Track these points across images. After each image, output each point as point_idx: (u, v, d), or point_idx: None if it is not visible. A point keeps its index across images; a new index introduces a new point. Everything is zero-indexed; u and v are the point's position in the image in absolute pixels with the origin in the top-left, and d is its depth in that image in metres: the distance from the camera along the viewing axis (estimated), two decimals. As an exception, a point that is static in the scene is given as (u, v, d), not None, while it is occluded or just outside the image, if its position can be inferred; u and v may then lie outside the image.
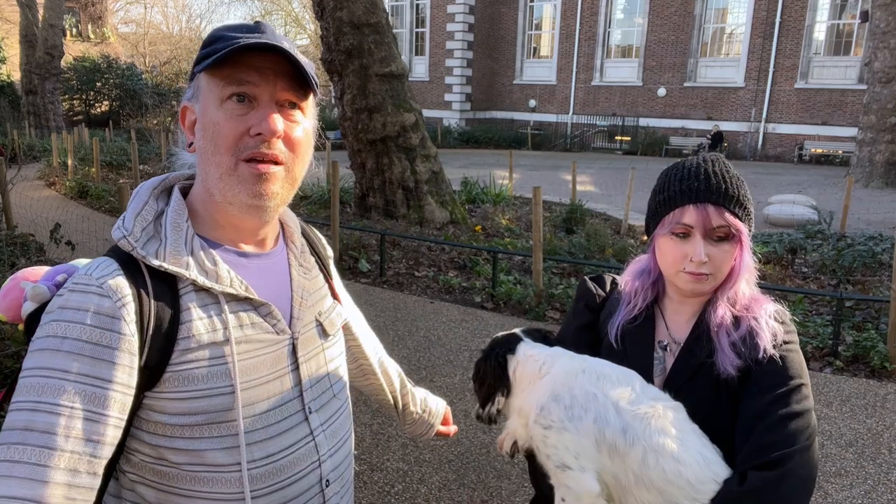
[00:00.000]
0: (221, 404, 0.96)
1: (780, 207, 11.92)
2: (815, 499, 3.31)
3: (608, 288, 1.45)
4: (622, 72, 27.79)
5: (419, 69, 31.31)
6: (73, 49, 32.12)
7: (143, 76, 34.45)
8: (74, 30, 35.36)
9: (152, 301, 0.93)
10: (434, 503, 3.26)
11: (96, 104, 32.68)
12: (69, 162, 15.00)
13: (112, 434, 0.89)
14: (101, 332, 0.88)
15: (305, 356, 1.08)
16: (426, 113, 13.26)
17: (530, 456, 1.26)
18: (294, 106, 1.02)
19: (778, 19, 23.63)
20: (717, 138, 24.54)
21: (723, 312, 1.24)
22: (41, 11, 25.45)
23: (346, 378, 1.21)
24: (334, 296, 1.23)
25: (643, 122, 26.97)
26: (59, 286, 1.11)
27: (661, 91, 26.69)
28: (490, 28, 30.83)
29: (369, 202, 10.14)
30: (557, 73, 29.26)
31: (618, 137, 26.77)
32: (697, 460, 1.11)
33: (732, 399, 1.20)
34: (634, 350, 1.31)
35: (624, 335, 1.33)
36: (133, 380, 0.90)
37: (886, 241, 7.84)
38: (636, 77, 27.33)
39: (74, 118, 30.85)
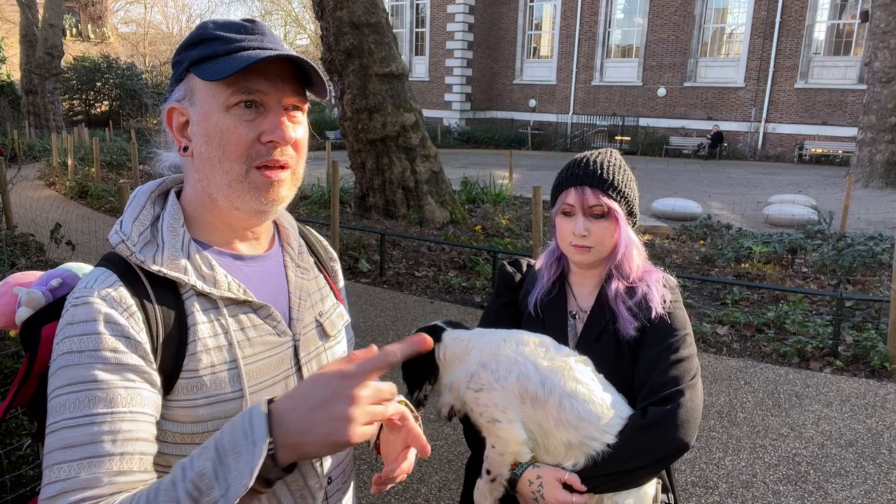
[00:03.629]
0: (231, 410, 0.95)
1: (780, 207, 11.93)
2: (815, 499, 3.31)
3: (524, 269, 1.67)
4: (622, 72, 27.80)
5: (419, 69, 31.30)
6: (73, 49, 32.12)
7: (143, 76, 34.45)
8: (74, 30, 35.35)
9: (157, 308, 0.92)
10: (434, 503, 3.26)
11: (96, 104, 32.67)
12: (69, 162, 14.99)
13: (153, 431, 0.89)
14: (115, 339, 0.87)
15: (307, 357, 1.08)
16: (426, 113, 13.27)
17: (465, 420, 1.43)
18: (295, 107, 1.02)
19: (778, 19, 23.63)
20: (717, 138, 24.54)
21: (616, 285, 1.48)
22: (41, 11, 25.44)
23: None
24: (337, 297, 1.22)
25: (643, 122, 26.97)
26: (53, 291, 1.09)
27: (661, 91, 26.69)
28: (490, 28, 30.82)
29: (369, 202, 10.14)
30: (557, 73, 29.26)
31: (618, 137, 26.77)
32: (604, 400, 1.33)
33: (632, 353, 1.44)
34: (552, 319, 1.53)
35: (542, 306, 1.55)
36: (157, 379, 0.90)
37: (886, 241, 7.84)
38: (636, 77, 27.32)
39: (74, 118, 30.84)
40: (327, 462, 1.10)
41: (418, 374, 1.46)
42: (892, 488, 3.41)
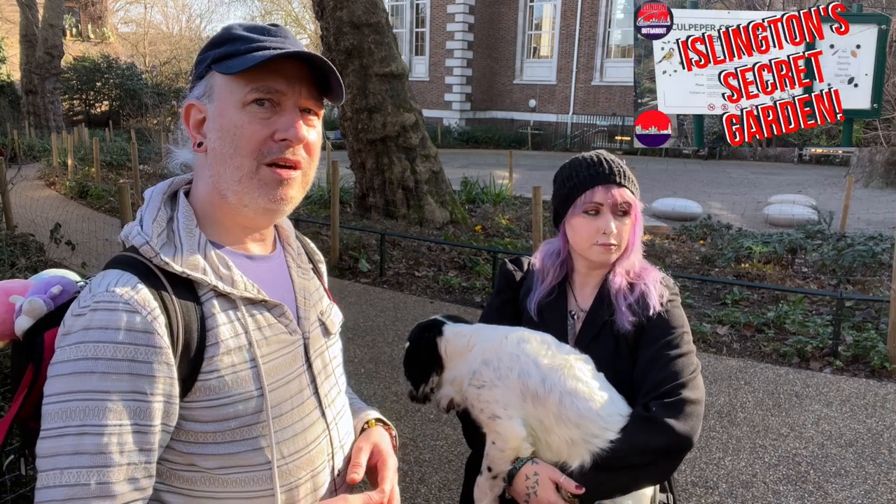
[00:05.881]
0: (252, 408, 0.97)
1: (780, 207, 11.93)
2: (815, 499, 3.31)
3: (525, 268, 1.67)
4: (622, 72, 27.74)
5: (419, 69, 31.29)
6: (73, 49, 32.09)
7: (143, 76, 34.42)
8: (74, 30, 35.32)
9: (178, 310, 0.92)
10: (434, 503, 3.26)
11: (96, 104, 32.64)
12: (69, 162, 14.99)
13: (161, 439, 0.92)
14: (135, 349, 0.87)
15: (315, 354, 1.11)
16: (426, 113, 13.24)
17: (464, 418, 1.44)
18: (310, 111, 1.03)
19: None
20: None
21: (620, 280, 1.49)
22: (41, 11, 25.43)
23: (345, 374, 1.25)
24: (329, 297, 1.25)
25: (643, 122, 26.93)
26: (54, 299, 1.06)
27: (661, 91, 26.65)
28: (490, 28, 30.81)
29: (369, 202, 10.14)
30: (557, 73, 29.25)
31: (618, 137, 26.73)
32: (605, 398, 1.34)
33: (631, 351, 1.45)
34: (551, 320, 1.53)
35: (541, 308, 1.55)
36: (175, 389, 0.91)
37: (886, 241, 7.85)
38: (636, 77, 27.30)
39: (74, 118, 30.81)
40: (338, 455, 1.12)
41: (423, 369, 1.47)
42: (892, 488, 3.41)
